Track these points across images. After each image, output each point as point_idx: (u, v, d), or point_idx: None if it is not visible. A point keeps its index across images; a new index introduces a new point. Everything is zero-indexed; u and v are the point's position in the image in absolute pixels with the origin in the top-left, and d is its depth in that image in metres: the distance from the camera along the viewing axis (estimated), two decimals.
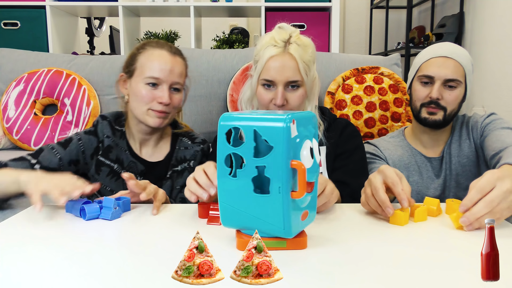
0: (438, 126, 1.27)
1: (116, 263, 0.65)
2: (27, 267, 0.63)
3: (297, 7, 2.65)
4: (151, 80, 1.15)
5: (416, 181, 1.31)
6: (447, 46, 1.26)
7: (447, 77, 1.21)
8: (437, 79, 1.22)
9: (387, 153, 1.34)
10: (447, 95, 1.23)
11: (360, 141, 1.23)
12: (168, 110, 1.17)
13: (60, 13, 2.72)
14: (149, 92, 1.15)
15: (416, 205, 0.84)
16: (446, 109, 1.24)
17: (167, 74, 1.15)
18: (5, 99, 1.84)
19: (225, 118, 0.66)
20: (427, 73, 1.24)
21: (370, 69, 1.87)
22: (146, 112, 1.16)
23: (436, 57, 1.24)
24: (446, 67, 1.22)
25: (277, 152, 0.62)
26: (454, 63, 1.22)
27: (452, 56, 1.23)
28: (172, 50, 1.19)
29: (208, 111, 1.86)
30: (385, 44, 3.80)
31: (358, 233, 0.78)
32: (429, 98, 1.24)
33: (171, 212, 0.91)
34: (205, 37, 3.31)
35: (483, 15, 2.88)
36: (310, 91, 1.16)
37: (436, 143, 1.33)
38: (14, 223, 0.84)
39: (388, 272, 0.61)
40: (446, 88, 1.23)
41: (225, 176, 0.66)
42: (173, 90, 1.18)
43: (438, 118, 1.24)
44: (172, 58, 1.17)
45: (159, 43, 1.21)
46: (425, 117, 1.26)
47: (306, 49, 1.12)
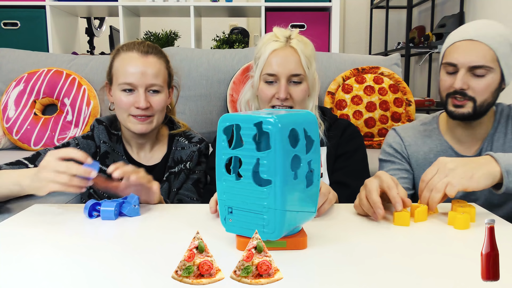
0: (468, 119, 1.11)
1: (116, 263, 0.65)
2: (27, 267, 0.63)
3: (297, 7, 2.65)
4: (125, 86, 1.10)
5: None
6: (474, 27, 1.09)
7: (472, 64, 1.05)
8: (460, 66, 1.06)
9: (411, 150, 1.22)
10: (474, 84, 1.06)
11: (361, 142, 1.23)
12: (149, 114, 1.12)
13: (60, 13, 2.73)
14: (126, 98, 1.10)
15: (416, 205, 0.84)
16: (475, 99, 1.07)
17: (139, 77, 1.09)
18: (5, 99, 1.84)
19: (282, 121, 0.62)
20: (450, 60, 1.08)
21: (370, 69, 1.87)
22: (127, 118, 1.12)
23: (461, 41, 1.08)
24: (471, 52, 1.06)
25: (317, 144, 0.65)
26: (482, 47, 1.05)
27: (479, 39, 1.06)
28: (143, 50, 1.12)
29: (208, 111, 1.86)
30: (385, 44, 3.80)
31: (358, 233, 0.77)
32: (454, 88, 1.08)
33: (171, 212, 0.91)
34: (205, 37, 3.31)
35: (483, 15, 2.88)
36: (312, 88, 1.16)
37: (473, 138, 1.16)
38: (14, 223, 0.84)
39: (388, 272, 0.61)
40: (473, 76, 1.07)
41: (290, 181, 0.63)
42: (151, 92, 1.12)
43: (466, 111, 1.08)
44: (144, 60, 1.11)
45: (130, 45, 1.14)
46: (451, 110, 1.11)
47: (306, 45, 1.14)
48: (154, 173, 1.19)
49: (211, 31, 3.36)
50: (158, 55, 1.14)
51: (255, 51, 1.17)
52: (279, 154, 0.61)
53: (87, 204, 0.85)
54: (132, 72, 1.09)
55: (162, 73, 1.14)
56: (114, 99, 1.15)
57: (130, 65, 1.10)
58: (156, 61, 1.13)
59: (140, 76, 1.09)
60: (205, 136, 1.55)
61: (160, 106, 1.13)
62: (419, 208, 0.83)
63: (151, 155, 1.22)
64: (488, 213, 0.89)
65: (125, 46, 1.15)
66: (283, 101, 1.11)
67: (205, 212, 0.90)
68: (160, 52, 1.16)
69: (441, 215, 0.87)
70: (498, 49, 1.06)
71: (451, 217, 0.80)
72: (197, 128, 1.82)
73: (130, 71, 1.09)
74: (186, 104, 1.84)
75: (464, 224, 0.78)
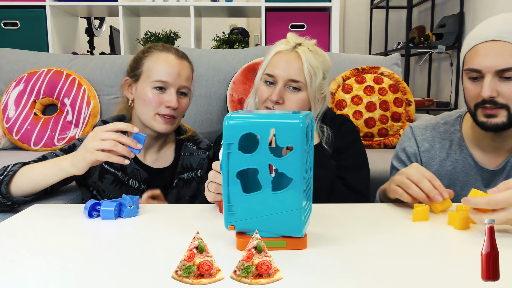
0: (503, 129, 0.97)
1: (116, 263, 0.65)
2: (27, 267, 0.63)
3: (297, 7, 2.65)
4: (158, 84, 1.12)
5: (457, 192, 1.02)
6: (495, 25, 0.95)
7: (499, 67, 0.92)
8: (486, 72, 0.93)
9: (426, 157, 1.11)
10: (505, 89, 0.93)
11: (356, 137, 1.21)
12: (175, 115, 1.14)
13: (60, 13, 2.73)
14: (156, 96, 1.12)
15: (417, 205, 0.84)
16: (509, 107, 0.94)
17: (175, 77, 1.13)
18: (5, 99, 1.84)
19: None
20: (473, 66, 0.95)
21: (370, 69, 1.87)
22: (153, 117, 1.13)
23: (482, 43, 0.94)
24: (496, 55, 0.92)
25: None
26: (507, 47, 0.92)
27: (503, 38, 0.92)
28: (179, 53, 1.17)
29: (208, 111, 1.86)
30: (385, 44, 3.80)
31: (358, 233, 0.77)
32: (482, 97, 0.95)
33: (171, 212, 0.91)
34: (205, 37, 3.31)
35: (483, 15, 2.88)
36: (314, 100, 1.12)
37: (500, 150, 1.04)
38: (14, 223, 0.84)
39: (388, 272, 0.61)
40: (502, 81, 0.93)
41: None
42: (180, 94, 1.15)
43: (501, 121, 0.95)
44: (179, 62, 1.15)
45: (166, 46, 1.18)
46: (483, 121, 0.97)
47: (316, 56, 1.11)
48: (162, 177, 1.19)
49: (211, 31, 3.36)
50: (188, 60, 1.20)
51: (267, 52, 1.16)
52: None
53: (87, 204, 0.85)
54: (168, 71, 1.12)
55: (190, 78, 1.19)
56: (139, 96, 1.15)
57: (166, 65, 1.13)
58: (188, 66, 1.19)
59: (176, 76, 1.13)
60: (205, 136, 1.55)
61: (185, 108, 1.18)
62: (419, 208, 0.83)
63: (156, 158, 1.22)
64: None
65: (160, 46, 1.18)
66: (274, 104, 1.09)
67: (205, 212, 0.90)
68: (189, 59, 1.21)
69: (441, 215, 0.87)
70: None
71: (451, 217, 0.80)
72: (197, 128, 1.82)
73: (166, 70, 1.12)
74: None
75: (464, 224, 0.78)
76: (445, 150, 1.09)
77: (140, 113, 1.15)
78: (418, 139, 1.13)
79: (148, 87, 1.13)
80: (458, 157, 1.08)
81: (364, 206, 0.96)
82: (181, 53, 1.18)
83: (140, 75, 1.16)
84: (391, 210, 0.91)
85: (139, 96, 1.15)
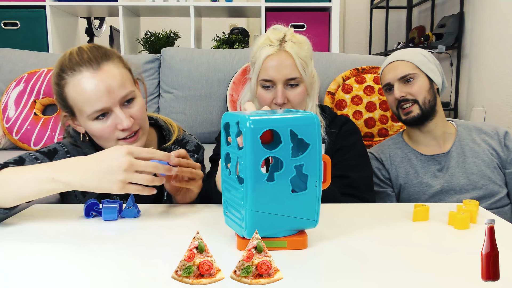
0: (420, 120, 1.31)
1: (116, 263, 0.65)
2: (27, 267, 0.63)
3: (297, 7, 2.65)
4: (95, 114, 0.94)
5: (421, 181, 1.34)
6: (396, 54, 1.37)
7: (399, 75, 1.31)
8: (393, 82, 1.32)
9: (389, 165, 1.39)
10: (408, 88, 1.30)
11: (358, 138, 1.23)
12: (135, 128, 0.98)
13: (60, 13, 2.73)
14: (103, 126, 0.95)
15: (417, 205, 0.84)
16: (418, 100, 1.29)
17: (107, 97, 0.92)
18: (5, 99, 1.84)
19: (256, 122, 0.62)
20: (387, 80, 1.34)
21: (370, 69, 1.87)
22: (116, 144, 0.97)
23: (390, 63, 1.35)
24: (397, 67, 1.32)
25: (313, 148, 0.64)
26: (403, 63, 1.32)
27: (401, 58, 1.33)
28: (93, 63, 0.93)
29: (208, 111, 1.86)
30: (385, 44, 3.80)
31: (359, 233, 0.77)
32: (397, 99, 1.31)
33: (171, 212, 0.91)
34: (205, 37, 3.31)
35: (483, 15, 2.88)
36: (310, 88, 1.16)
37: (435, 139, 1.36)
38: (14, 223, 0.84)
39: (388, 272, 0.61)
40: (404, 84, 1.30)
41: (260, 182, 0.63)
42: (125, 104, 0.96)
43: (416, 113, 1.30)
44: (100, 74, 0.93)
45: (76, 61, 0.94)
46: (405, 119, 1.32)
47: (301, 46, 1.12)
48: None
49: (211, 31, 3.36)
50: (114, 58, 0.97)
51: (251, 54, 1.17)
52: (249, 154, 0.62)
53: (86, 203, 0.85)
54: (97, 96, 0.92)
55: (127, 79, 0.97)
56: (88, 131, 0.99)
57: (88, 90, 0.92)
58: (113, 69, 0.95)
59: (106, 95, 0.92)
60: (205, 136, 1.56)
61: (141, 113, 0.99)
62: (419, 208, 0.83)
63: None
64: (488, 213, 0.89)
65: (71, 64, 0.94)
66: (281, 106, 1.11)
67: (205, 212, 0.90)
68: (114, 55, 0.99)
69: (441, 215, 0.87)
70: (414, 61, 1.31)
71: (451, 217, 0.80)
72: (197, 128, 1.82)
73: (93, 96, 0.92)
74: (186, 104, 1.84)
75: (464, 224, 0.78)
76: (398, 156, 1.39)
77: (103, 146, 1.00)
78: (379, 157, 1.41)
79: (88, 121, 0.95)
80: (406, 155, 1.38)
81: (364, 206, 0.96)
82: (98, 59, 0.94)
83: (73, 111, 0.98)
84: (391, 210, 0.91)
85: (88, 131, 0.99)
